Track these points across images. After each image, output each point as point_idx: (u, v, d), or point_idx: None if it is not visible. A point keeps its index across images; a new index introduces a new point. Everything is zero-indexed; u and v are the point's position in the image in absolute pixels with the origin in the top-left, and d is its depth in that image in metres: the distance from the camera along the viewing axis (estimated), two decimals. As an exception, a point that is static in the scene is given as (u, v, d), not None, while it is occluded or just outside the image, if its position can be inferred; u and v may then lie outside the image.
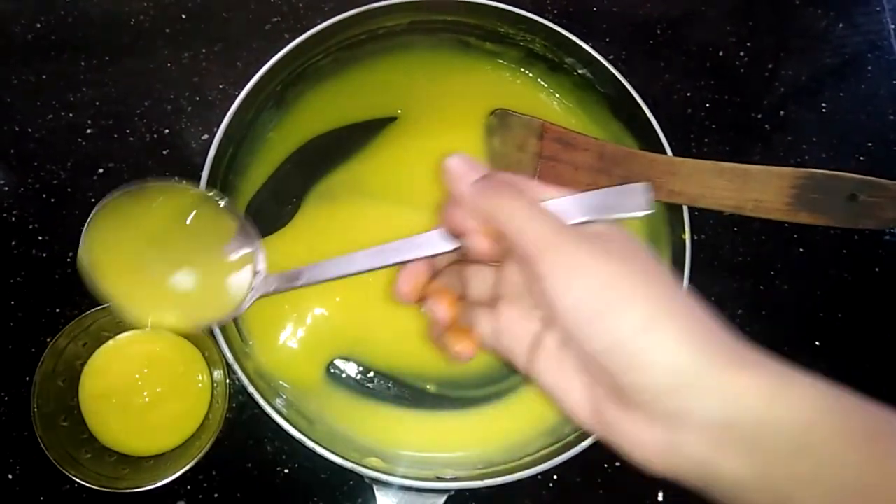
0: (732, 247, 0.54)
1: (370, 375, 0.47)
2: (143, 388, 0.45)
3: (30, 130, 0.52)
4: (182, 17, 0.55)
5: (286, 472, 0.47)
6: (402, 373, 0.47)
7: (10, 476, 0.46)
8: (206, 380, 0.46)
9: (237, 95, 0.44)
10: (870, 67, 0.59)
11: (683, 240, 0.45)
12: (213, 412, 0.45)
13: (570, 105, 0.52)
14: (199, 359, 0.46)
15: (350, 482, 0.47)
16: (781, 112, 0.57)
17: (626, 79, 0.46)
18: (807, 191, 0.38)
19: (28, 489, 0.46)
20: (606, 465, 0.48)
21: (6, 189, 0.50)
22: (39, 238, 0.50)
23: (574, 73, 0.49)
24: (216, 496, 0.46)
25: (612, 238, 0.25)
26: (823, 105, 0.58)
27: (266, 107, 0.47)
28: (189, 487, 0.46)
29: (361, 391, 0.46)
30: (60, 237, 0.50)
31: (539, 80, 0.52)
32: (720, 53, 0.58)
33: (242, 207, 0.47)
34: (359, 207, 0.48)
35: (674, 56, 0.58)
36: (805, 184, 0.38)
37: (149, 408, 0.44)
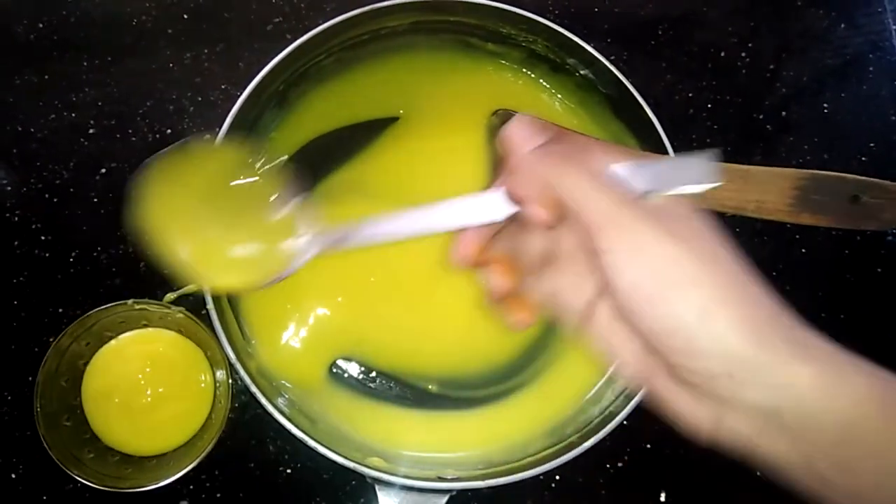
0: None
1: (372, 375, 0.47)
2: (146, 388, 0.45)
3: (32, 130, 0.52)
4: (184, 18, 0.55)
5: (288, 472, 0.47)
6: (405, 373, 0.47)
7: (13, 475, 0.46)
8: (209, 380, 0.46)
9: (239, 96, 0.44)
10: (871, 68, 0.59)
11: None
12: (216, 412, 0.45)
13: (572, 105, 0.52)
14: (202, 358, 0.46)
15: (352, 482, 0.47)
16: (783, 113, 0.57)
17: (628, 79, 0.46)
18: (809, 192, 0.38)
19: (31, 489, 0.46)
20: (609, 466, 0.48)
21: (9, 189, 0.51)
22: (42, 238, 0.50)
23: (576, 74, 0.49)
24: (219, 496, 0.46)
25: (676, 215, 0.25)
26: (825, 106, 0.58)
27: (268, 107, 0.47)
28: (192, 487, 0.46)
29: (363, 391, 0.46)
30: (63, 237, 0.50)
31: (541, 81, 0.52)
32: (722, 54, 0.58)
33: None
34: (360, 207, 0.48)
35: (675, 56, 0.58)
36: (807, 185, 0.38)
37: (151, 407, 0.45)
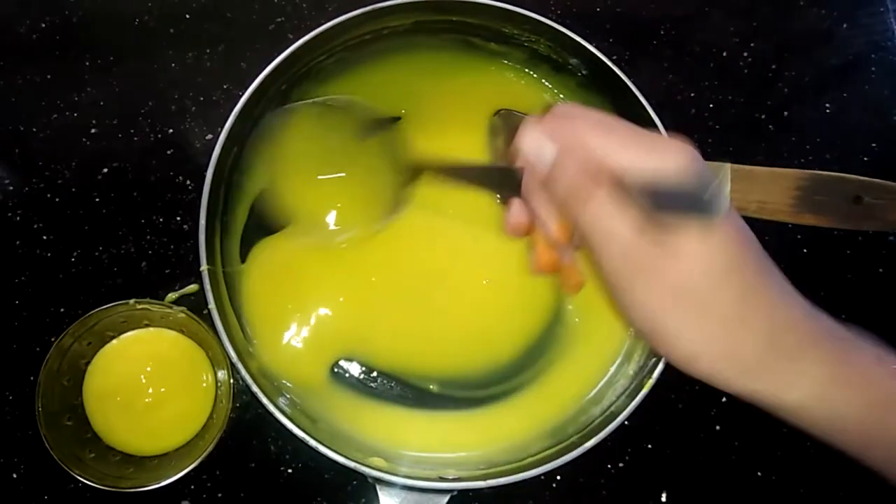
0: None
1: (373, 375, 0.47)
2: (148, 388, 0.45)
3: (34, 130, 0.52)
4: (186, 18, 0.55)
5: (290, 472, 0.47)
6: (406, 373, 0.47)
7: (15, 475, 0.46)
8: (210, 379, 0.46)
9: (241, 95, 0.44)
10: (874, 68, 0.59)
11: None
12: (217, 412, 0.45)
13: (574, 106, 0.52)
14: (203, 358, 0.46)
15: (353, 482, 0.47)
16: (785, 113, 0.57)
17: (630, 79, 0.46)
18: (811, 192, 0.38)
19: (32, 488, 0.46)
20: (610, 466, 0.48)
21: (11, 189, 0.51)
22: (44, 237, 0.50)
23: (578, 74, 0.49)
24: (220, 496, 0.46)
25: (686, 255, 0.25)
26: (827, 106, 0.57)
27: (270, 107, 0.47)
28: (193, 487, 0.46)
29: (365, 391, 0.46)
30: (65, 237, 0.50)
31: (543, 81, 0.52)
32: (724, 54, 0.58)
33: (247, 207, 0.48)
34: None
35: (677, 56, 0.58)
36: (809, 185, 0.38)
37: (153, 407, 0.45)
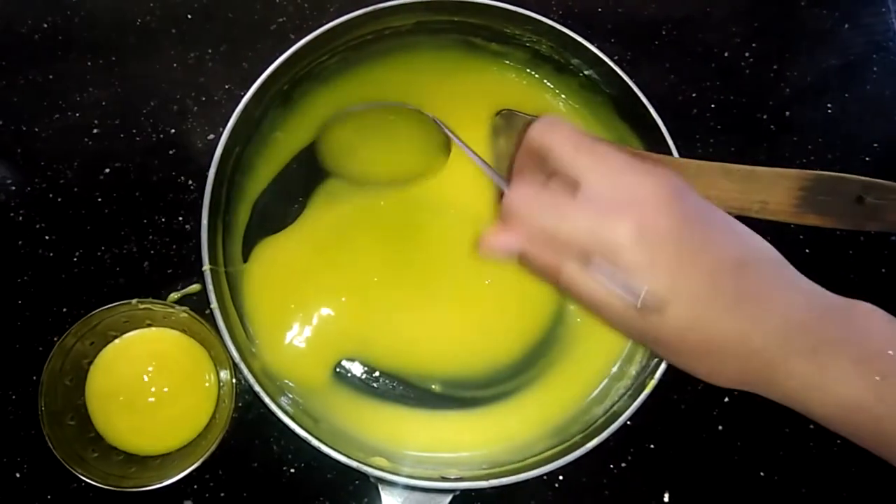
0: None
1: (376, 375, 0.47)
2: (150, 388, 0.45)
3: (36, 130, 0.52)
4: (188, 18, 0.55)
5: (292, 472, 0.47)
6: (408, 373, 0.47)
7: (18, 474, 0.46)
8: (213, 379, 0.46)
9: (243, 96, 0.44)
10: (875, 68, 0.59)
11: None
12: (220, 411, 0.45)
13: (576, 106, 0.52)
14: (206, 358, 0.46)
15: (356, 482, 0.47)
16: (787, 113, 0.57)
17: (632, 79, 0.46)
18: (814, 192, 0.38)
19: (35, 487, 0.46)
20: (612, 466, 0.48)
21: (13, 189, 0.51)
22: (46, 237, 0.50)
23: (580, 74, 0.49)
24: (222, 495, 0.47)
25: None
26: (829, 106, 0.57)
27: (272, 106, 0.48)
28: (195, 487, 0.46)
29: (367, 391, 0.46)
30: (67, 237, 0.50)
31: (545, 81, 0.52)
32: (725, 54, 0.58)
33: (249, 206, 0.48)
34: (364, 206, 0.48)
35: (679, 57, 0.58)
36: (812, 185, 0.38)
37: (155, 407, 0.45)
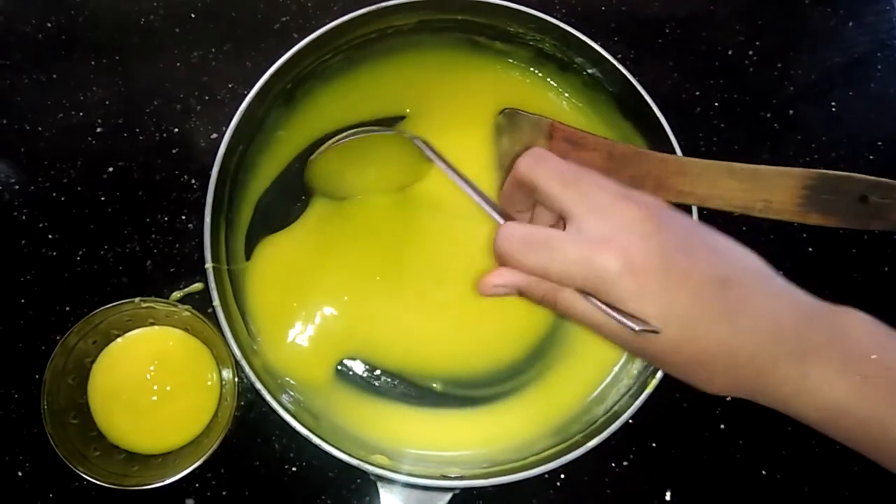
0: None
1: (377, 373, 0.47)
2: (152, 386, 0.45)
3: (40, 129, 0.52)
4: (191, 17, 0.55)
5: (294, 471, 0.47)
6: (409, 371, 0.47)
7: (20, 473, 0.46)
8: (215, 378, 0.46)
9: (246, 94, 0.44)
10: (879, 67, 0.59)
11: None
12: (222, 410, 0.45)
13: (580, 104, 0.52)
14: (208, 357, 0.46)
15: (357, 480, 0.47)
16: (791, 111, 0.57)
17: (635, 78, 0.46)
18: (817, 192, 0.38)
19: (37, 486, 0.46)
20: (614, 465, 0.48)
21: (16, 187, 0.51)
22: (49, 236, 0.50)
23: (583, 73, 0.49)
24: (224, 494, 0.47)
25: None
26: (833, 104, 0.57)
27: (275, 105, 0.48)
28: (197, 485, 0.46)
29: (368, 389, 0.46)
30: (70, 236, 0.50)
31: (548, 80, 0.52)
32: (729, 52, 0.58)
33: (251, 205, 0.48)
34: (366, 205, 0.48)
35: (682, 55, 0.58)
36: (816, 184, 0.38)
37: (157, 405, 0.45)
